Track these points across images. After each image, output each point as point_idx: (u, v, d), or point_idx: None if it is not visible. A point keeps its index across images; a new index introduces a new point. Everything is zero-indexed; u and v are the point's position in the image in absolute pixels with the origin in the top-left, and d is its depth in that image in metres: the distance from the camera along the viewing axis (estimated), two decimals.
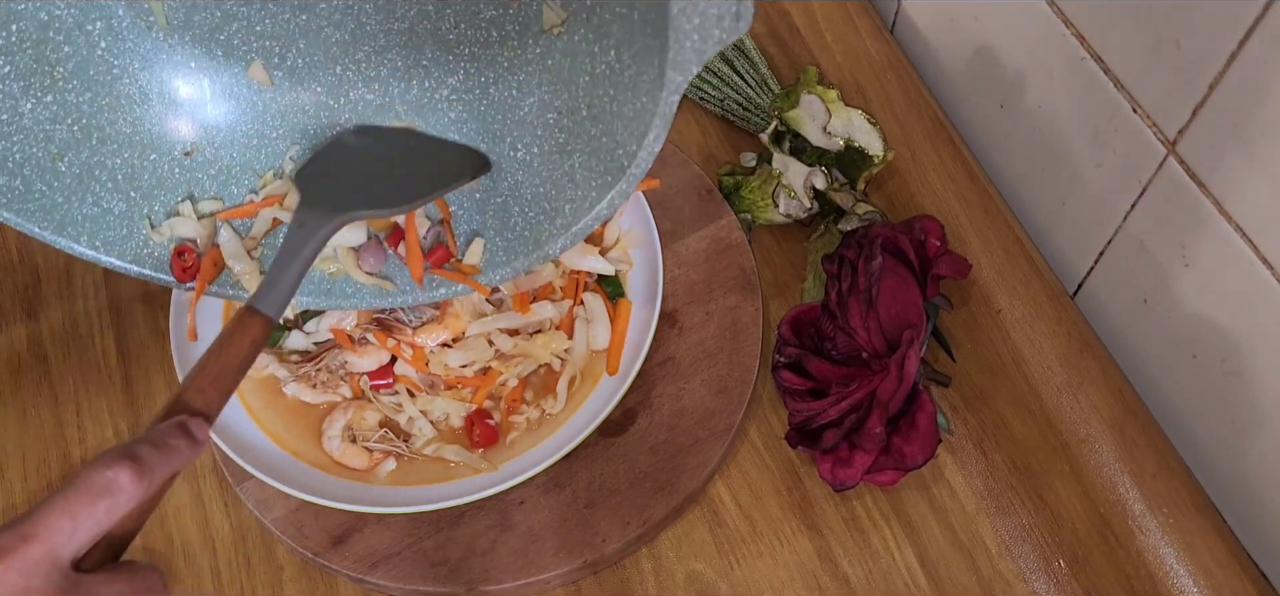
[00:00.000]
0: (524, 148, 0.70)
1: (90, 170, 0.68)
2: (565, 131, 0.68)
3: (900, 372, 0.70)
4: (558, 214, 0.68)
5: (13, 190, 0.65)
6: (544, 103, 0.69)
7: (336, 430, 0.74)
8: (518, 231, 0.70)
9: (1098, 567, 0.71)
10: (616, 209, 0.64)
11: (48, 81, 0.67)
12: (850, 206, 0.82)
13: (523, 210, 0.70)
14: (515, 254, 0.70)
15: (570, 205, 0.67)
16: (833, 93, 0.84)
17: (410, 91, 0.73)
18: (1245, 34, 0.61)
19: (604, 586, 0.72)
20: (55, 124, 0.67)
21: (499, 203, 0.71)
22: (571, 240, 0.66)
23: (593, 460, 0.74)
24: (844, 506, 0.74)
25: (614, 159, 0.63)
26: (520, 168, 0.70)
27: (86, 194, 0.68)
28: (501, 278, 0.70)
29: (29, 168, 0.66)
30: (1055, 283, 0.82)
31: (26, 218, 0.66)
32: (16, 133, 0.65)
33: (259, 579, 0.72)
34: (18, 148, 0.65)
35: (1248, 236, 0.66)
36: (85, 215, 0.68)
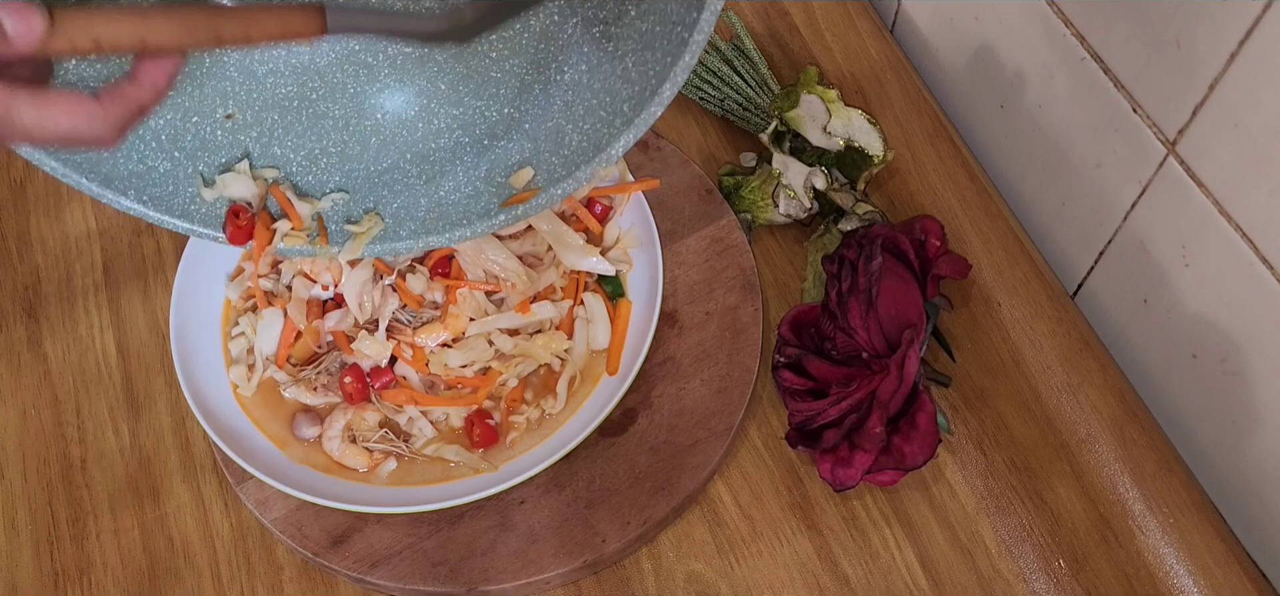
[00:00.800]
0: (571, 68, 0.69)
1: (135, 130, 0.68)
2: (614, 39, 0.66)
3: (900, 372, 0.70)
4: (617, 115, 0.65)
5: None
6: (589, 18, 0.68)
7: (336, 430, 0.74)
8: (575, 146, 0.68)
9: (1098, 567, 0.72)
10: (680, 87, 0.61)
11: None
12: (850, 206, 0.82)
13: (577, 125, 0.68)
14: (575, 166, 0.68)
15: (629, 103, 0.64)
16: (833, 93, 0.84)
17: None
18: (1245, 34, 0.61)
19: (604, 586, 0.72)
20: (99, 83, 0.67)
21: (550, 126, 0.69)
22: (636, 134, 0.64)
23: (593, 460, 0.74)
24: (844, 506, 0.74)
25: (672, 39, 0.61)
26: (570, 89, 0.69)
27: (131, 151, 0.69)
28: (564, 192, 0.68)
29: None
30: (1055, 283, 0.82)
31: (73, 169, 0.67)
32: (62, 86, 0.67)
33: (259, 579, 0.72)
34: None
35: (1248, 236, 0.66)
36: (131, 171, 0.69)
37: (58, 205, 0.87)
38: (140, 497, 0.75)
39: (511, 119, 0.72)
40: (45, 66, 0.50)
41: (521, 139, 0.71)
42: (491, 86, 0.72)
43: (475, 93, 0.73)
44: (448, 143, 0.74)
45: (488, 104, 0.73)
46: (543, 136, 0.70)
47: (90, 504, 0.75)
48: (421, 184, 0.73)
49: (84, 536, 0.74)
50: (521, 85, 0.71)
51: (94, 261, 0.85)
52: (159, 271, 0.84)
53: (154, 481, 0.76)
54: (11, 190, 0.89)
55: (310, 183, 0.74)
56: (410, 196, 0.73)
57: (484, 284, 0.76)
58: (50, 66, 0.51)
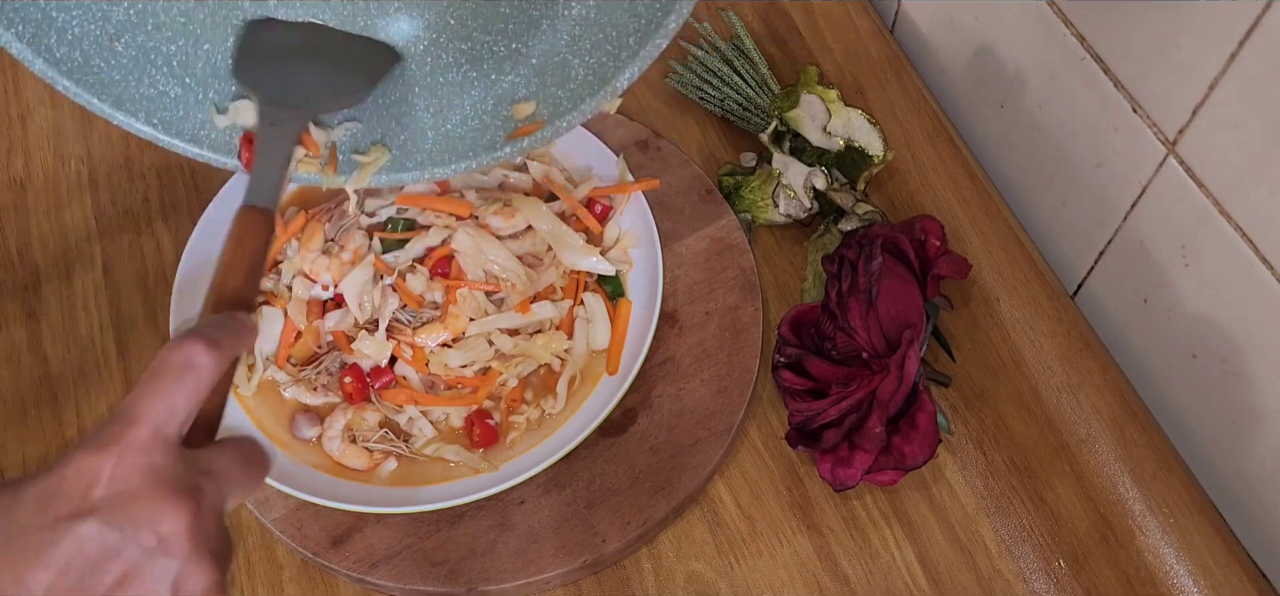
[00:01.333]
0: (579, 3, 0.70)
1: (146, 53, 0.71)
2: None
3: (900, 372, 0.70)
4: (622, 48, 0.67)
5: (72, 61, 0.68)
6: None
7: (336, 430, 0.74)
8: (580, 80, 0.69)
9: (1098, 567, 0.72)
10: (685, 19, 0.62)
11: None
12: (850, 206, 0.82)
13: (583, 59, 0.69)
14: (580, 98, 0.69)
15: (634, 36, 0.66)
16: (833, 93, 0.84)
17: None
18: (1245, 34, 0.61)
19: (604, 586, 0.72)
20: (112, 4, 0.69)
21: (556, 61, 0.71)
22: (640, 66, 0.65)
23: (593, 460, 0.74)
24: (844, 506, 0.74)
25: None
26: (577, 23, 0.70)
27: (143, 75, 0.70)
28: (569, 125, 0.69)
29: (87, 43, 0.68)
30: (1055, 283, 0.82)
31: (86, 89, 0.68)
32: (76, 8, 0.68)
33: (259, 579, 0.72)
34: (77, 22, 0.68)
35: (1248, 236, 0.66)
36: (143, 95, 0.70)
37: (58, 205, 0.87)
38: None
39: (518, 53, 0.73)
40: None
41: (528, 73, 0.72)
42: (500, 22, 0.73)
43: (484, 28, 0.74)
44: (455, 77, 0.75)
45: (495, 39, 0.74)
46: (549, 70, 0.71)
47: None
48: (429, 117, 0.74)
49: None
50: (529, 21, 0.72)
51: (94, 261, 0.85)
52: (159, 271, 0.84)
53: None
54: (11, 190, 0.89)
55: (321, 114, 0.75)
56: (417, 129, 0.74)
57: (484, 284, 0.76)
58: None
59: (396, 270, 0.77)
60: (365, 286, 0.76)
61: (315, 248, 0.78)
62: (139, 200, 0.88)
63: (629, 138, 0.87)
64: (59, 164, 0.90)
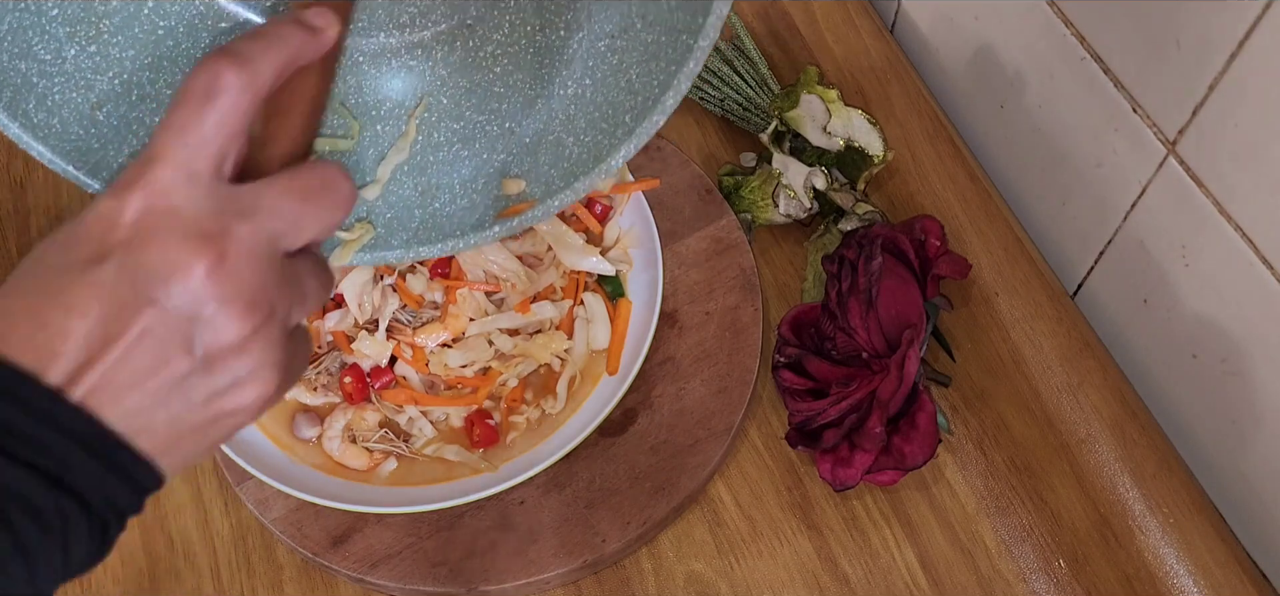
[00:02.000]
0: (575, 83, 0.69)
1: (128, 124, 0.69)
2: (619, 52, 0.66)
3: (900, 372, 0.70)
4: (618, 126, 0.65)
5: (50, 128, 0.66)
6: (595, 34, 0.68)
7: (336, 430, 0.74)
8: (574, 158, 0.68)
9: (1098, 567, 0.72)
10: (684, 96, 0.61)
11: (93, 32, 0.68)
12: (850, 206, 0.82)
13: (578, 138, 0.68)
14: (573, 177, 0.67)
15: (630, 114, 0.64)
16: (833, 93, 0.84)
17: (454, 54, 0.72)
18: (1245, 34, 0.61)
19: (604, 586, 0.72)
20: (97, 74, 0.68)
21: (552, 140, 0.69)
22: (637, 144, 0.63)
23: (593, 460, 0.74)
24: (844, 506, 0.74)
25: (676, 49, 0.61)
26: (572, 102, 0.69)
27: (123, 145, 0.69)
28: (561, 204, 0.68)
29: (67, 110, 0.67)
30: (1055, 282, 0.82)
31: (61, 155, 0.66)
32: (58, 75, 0.67)
33: (259, 579, 0.72)
34: (58, 89, 0.67)
35: (1248, 236, 0.66)
36: (120, 165, 0.69)
37: (58, 205, 0.87)
38: None
39: (511, 132, 0.71)
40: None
41: (520, 152, 0.71)
42: (494, 102, 0.72)
43: (477, 108, 0.73)
44: (446, 156, 0.73)
45: (489, 119, 0.72)
46: (542, 148, 0.70)
47: None
48: (417, 196, 0.72)
49: None
50: (525, 100, 0.71)
51: None
52: None
53: None
54: (11, 190, 0.89)
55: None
56: (404, 208, 0.72)
57: (484, 284, 0.76)
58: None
59: (397, 270, 0.77)
60: (365, 286, 0.76)
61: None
62: None
63: None
64: None
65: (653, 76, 0.63)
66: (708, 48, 0.58)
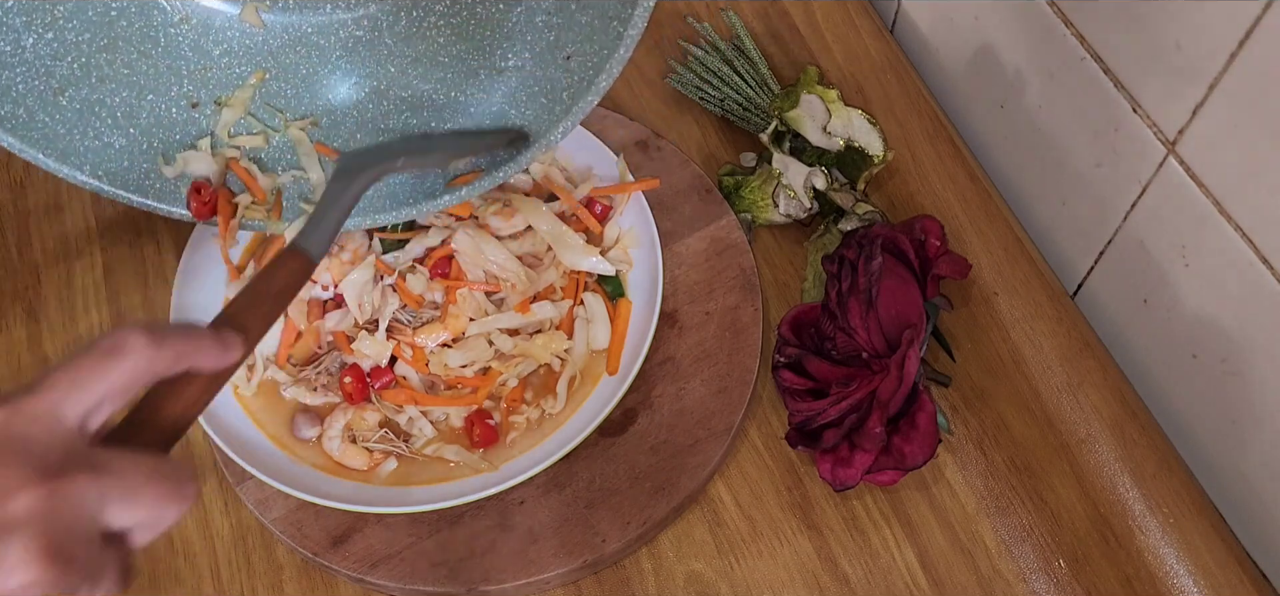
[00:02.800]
0: (515, 56, 0.72)
1: (90, 106, 0.71)
2: (556, 29, 0.70)
3: (900, 372, 0.70)
4: (556, 103, 0.69)
5: (16, 118, 0.69)
6: (531, 8, 0.72)
7: (336, 430, 0.74)
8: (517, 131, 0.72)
9: (1098, 567, 0.72)
10: (614, 79, 0.65)
11: (49, 19, 0.70)
12: (850, 206, 0.82)
13: (520, 111, 0.72)
14: (517, 150, 0.71)
15: (568, 91, 0.68)
16: (833, 93, 0.84)
17: (398, 24, 0.76)
18: (1245, 34, 0.61)
19: (604, 586, 0.72)
20: (56, 60, 0.70)
21: (495, 111, 0.73)
22: (574, 121, 0.68)
23: (593, 460, 0.74)
24: (844, 506, 0.74)
25: (609, 33, 0.65)
26: (513, 75, 0.73)
27: (87, 127, 0.71)
28: (505, 175, 0.71)
29: (31, 98, 0.69)
30: (1055, 282, 0.82)
31: (30, 144, 0.69)
32: (19, 65, 0.69)
33: (259, 579, 0.72)
34: (20, 79, 0.69)
35: (1248, 236, 0.66)
36: (87, 147, 0.71)
37: (58, 205, 0.87)
38: None
39: (457, 103, 0.75)
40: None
41: (466, 122, 0.75)
42: (439, 70, 0.76)
43: (423, 76, 0.76)
44: (396, 124, 0.77)
45: (435, 87, 0.76)
46: (487, 121, 0.74)
47: None
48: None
49: None
50: (468, 70, 0.75)
51: (94, 261, 0.85)
52: (159, 271, 0.84)
53: None
54: (11, 190, 0.89)
55: (266, 160, 0.77)
56: None
57: (484, 284, 0.76)
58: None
59: (397, 270, 0.77)
60: (365, 287, 0.76)
61: None
62: None
63: (629, 138, 0.87)
64: None
65: (588, 58, 0.67)
66: (635, 37, 0.63)
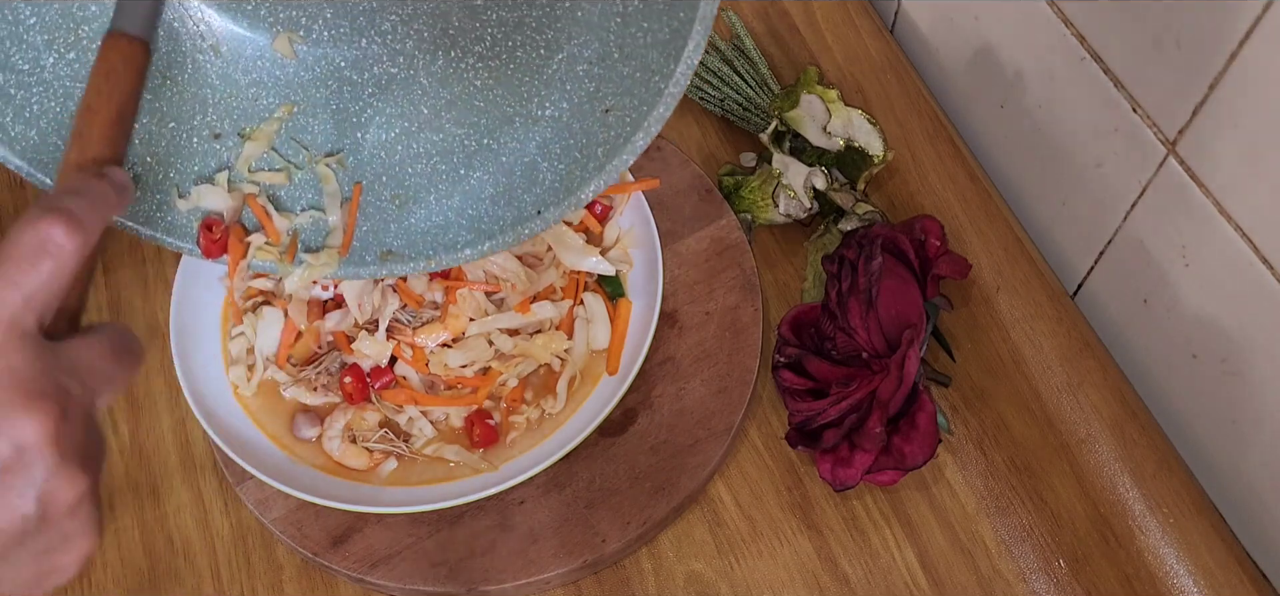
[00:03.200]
0: (552, 104, 0.69)
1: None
2: (596, 79, 0.67)
3: (900, 372, 0.70)
4: (590, 159, 0.66)
5: (27, 140, 0.65)
6: (574, 56, 0.68)
7: (336, 430, 0.74)
8: (547, 185, 0.69)
9: (1098, 567, 0.72)
10: (653, 137, 0.62)
11: (72, 39, 0.66)
12: (850, 206, 0.82)
13: (552, 164, 0.68)
14: (545, 205, 0.68)
15: (603, 147, 0.65)
16: (833, 93, 0.84)
17: (435, 63, 0.72)
18: (1245, 34, 0.61)
19: (604, 586, 0.72)
20: (75, 82, 0.66)
21: (526, 162, 0.70)
22: (607, 179, 0.65)
23: (593, 460, 0.74)
24: (844, 506, 0.74)
25: (650, 88, 0.62)
26: (549, 125, 0.69)
27: None
28: (531, 232, 0.69)
29: (45, 121, 0.66)
30: (1055, 282, 0.82)
31: (39, 169, 0.66)
32: (37, 85, 0.65)
33: (259, 579, 0.72)
34: (36, 99, 0.65)
35: (1248, 236, 0.66)
36: None
37: None
38: (140, 497, 0.75)
39: (489, 150, 0.71)
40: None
41: (497, 172, 0.71)
42: (474, 115, 0.72)
43: (457, 120, 0.73)
44: (424, 168, 0.73)
45: (468, 133, 0.72)
46: (518, 171, 0.70)
47: None
48: (393, 208, 0.73)
49: None
50: (503, 116, 0.71)
51: None
52: (159, 271, 0.84)
53: (154, 481, 0.76)
54: (11, 190, 0.89)
55: (283, 198, 0.73)
56: (380, 220, 0.73)
57: (484, 284, 0.76)
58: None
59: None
60: (365, 287, 0.76)
61: None
62: None
63: None
64: None
65: (625, 113, 0.64)
66: (676, 95, 0.60)
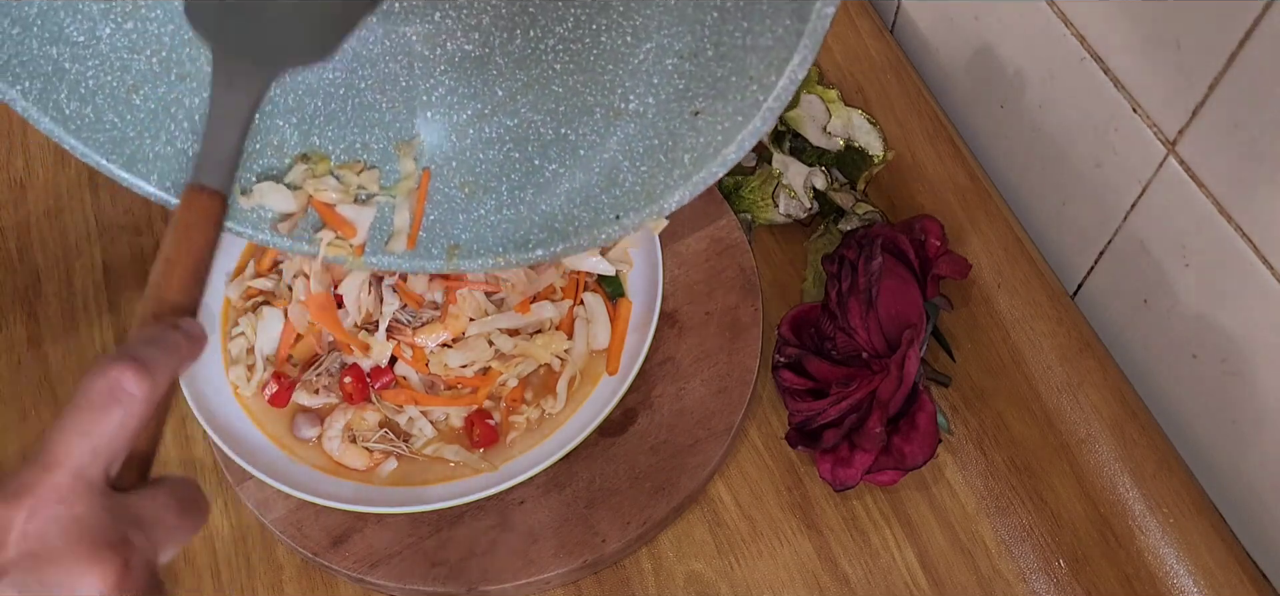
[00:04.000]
0: (637, 98, 0.64)
1: (166, 107, 0.64)
2: (686, 76, 0.62)
3: (900, 372, 0.70)
4: (676, 165, 0.61)
5: (83, 118, 0.61)
6: (663, 47, 0.63)
7: (336, 430, 0.74)
8: (628, 187, 0.63)
9: (1098, 567, 0.72)
10: (747, 152, 0.57)
11: (130, 7, 0.62)
12: (850, 206, 0.82)
13: (634, 165, 0.63)
14: (625, 210, 0.63)
15: (690, 154, 0.60)
16: (833, 93, 0.84)
17: (514, 42, 0.67)
18: (1245, 34, 0.61)
19: (604, 586, 0.72)
20: (134, 53, 0.63)
21: (606, 159, 0.65)
22: (692, 191, 0.59)
23: (593, 460, 0.74)
24: (844, 506, 0.74)
25: (746, 97, 0.57)
26: (632, 120, 0.64)
27: (160, 131, 0.64)
28: (609, 237, 0.64)
29: (102, 96, 0.62)
30: (1055, 283, 0.82)
31: (95, 148, 0.62)
32: (92, 58, 0.62)
33: (259, 579, 0.72)
34: (92, 73, 0.62)
35: (1248, 236, 0.66)
36: (157, 153, 0.64)
37: (58, 205, 0.87)
38: None
39: (567, 141, 0.66)
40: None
41: (574, 167, 0.66)
42: (551, 101, 0.67)
43: (533, 105, 0.68)
44: (496, 155, 0.68)
45: (545, 119, 0.67)
46: (596, 168, 0.65)
47: None
48: (462, 197, 0.68)
49: None
50: (583, 106, 0.66)
51: (94, 261, 0.85)
52: None
53: None
54: (11, 190, 0.89)
55: (349, 180, 0.68)
56: (448, 209, 0.68)
57: (484, 284, 0.76)
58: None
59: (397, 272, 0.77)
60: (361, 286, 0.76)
61: None
62: (139, 200, 0.87)
63: None
64: (59, 164, 0.90)
65: (717, 119, 0.59)
66: (777, 109, 0.54)
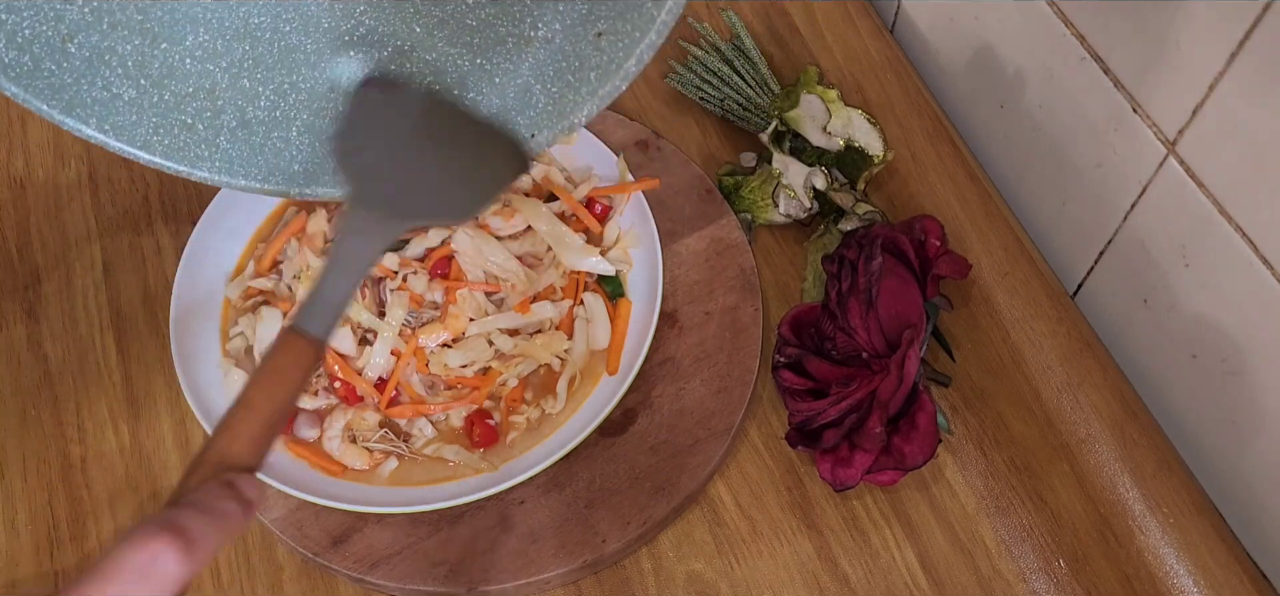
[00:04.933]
0: (545, 25, 0.70)
1: (100, 54, 0.68)
2: (589, 1, 0.68)
3: (900, 372, 0.70)
4: (583, 84, 0.67)
5: (21, 66, 0.66)
6: None
7: (336, 430, 0.74)
8: (541, 108, 0.70)
9: (1098, 567, 0.72)
10: (645, 64, 0.63)
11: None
12: (850, 206, 0.82)
13: (545, 86, 0.70)
14: (540, 128, 0.69)
15: (596, 72, 0.66)
16: (833, 93, 0.84)
17: None
18: (1245, 34, 0.61)
19: (604, 586, 0.72)
20: (66, 3, 0.67)
21: (520, 84, 0.71)
22: (598, 105, 0.66)
23: (593, 460, 0.74)
24: (844, 506, 0.74)
25: (642, 14, 0.63)
26: (542, 46, 0.70)
27: (96, 77, 0.68)
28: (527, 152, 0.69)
29: (38, 45, 0.66)
30: (1055, 283, 0.82)
31: (35, 95, 0.66)
32: (27, 8, 0.66)
33: (259, 579, 0.72)
34: (27, 23, 0.66)
35: (1248, 236, 0.66)
36: (94, 98, 0.68)
37: (58, 205, 0.88)
38: (140, 497, 0.75)
39: (483, 70, 0.73)
40: None
41: (491, 93, 0.72)
42: (466, 34, 0.73)
43: (449, 39, 0.73)
44: (418, 89, 0.73)
45: (460, 52, 0.73)
46: (511, 92, 0.71)
47: (90, 504, 0.75)
48: None
49: (84, 536, 0.74)
50: (495, 36, 0.72)
51: (94, 261, 0.85)
52: (159, 271, 0.84)
53: (154, 481, 0.76)
54: (11, 190, 0.89)
55: (278, 116, 0.73)
56: None
57: (484, 284, 0.76)
58: None
59: (398, 274, 0.77)
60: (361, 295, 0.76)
61: (316, 248, 0.78)
62: (139, 200, 0.88)
63: (629, 138, 0.87)
64: (59, 164, 0.90)
65: (619, 37, 0.65)
66: (669, 22, 0.60)
